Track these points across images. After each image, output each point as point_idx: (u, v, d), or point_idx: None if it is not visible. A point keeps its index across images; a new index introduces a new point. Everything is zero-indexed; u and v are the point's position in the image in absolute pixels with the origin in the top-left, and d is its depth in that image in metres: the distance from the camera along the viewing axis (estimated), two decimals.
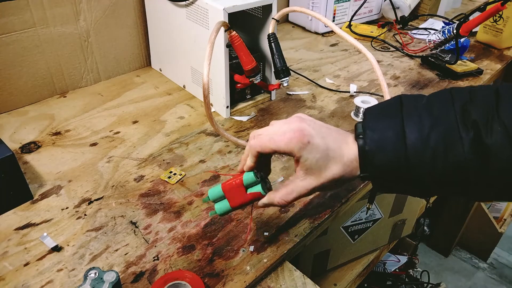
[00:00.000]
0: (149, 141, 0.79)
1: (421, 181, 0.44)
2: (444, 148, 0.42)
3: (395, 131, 0.44)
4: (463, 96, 0.44)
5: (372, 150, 0.45)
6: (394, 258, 1.43)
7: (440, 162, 0.42)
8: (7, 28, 0.80)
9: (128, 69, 1.03)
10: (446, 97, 0.45)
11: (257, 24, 0.86)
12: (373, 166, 0.46)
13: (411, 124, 0.44)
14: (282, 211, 0.63)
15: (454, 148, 0.42)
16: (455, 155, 0.42)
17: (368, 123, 0.47)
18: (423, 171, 0.43)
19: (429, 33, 1.21)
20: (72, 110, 0.87)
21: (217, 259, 0.55)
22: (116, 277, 0.48)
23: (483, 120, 0.41)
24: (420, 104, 0.46)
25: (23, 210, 0.62)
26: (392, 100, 0.48)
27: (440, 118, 0.43)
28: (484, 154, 0.41)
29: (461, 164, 0.42)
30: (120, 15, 0.95)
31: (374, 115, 0.48)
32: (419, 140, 0.43)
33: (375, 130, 0.46)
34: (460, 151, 0.41)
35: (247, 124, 0.85)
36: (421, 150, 0.43)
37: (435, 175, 0.43)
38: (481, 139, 0.41)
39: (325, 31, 1.31)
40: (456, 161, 0.42)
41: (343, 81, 1.03)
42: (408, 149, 0.43)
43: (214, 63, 0.76)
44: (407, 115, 0.45)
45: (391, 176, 0.46)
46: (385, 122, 0.46)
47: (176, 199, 0.65)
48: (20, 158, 0.73)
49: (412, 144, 0.43)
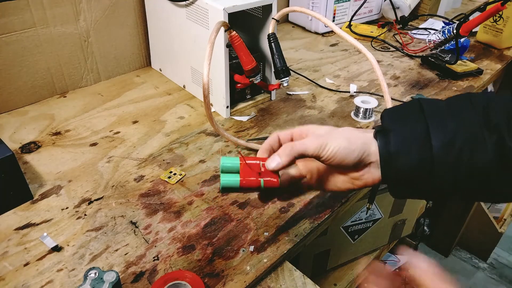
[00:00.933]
0: (149, 141, 0.79)
1: (441, 185, 0.44)
2: (469, 151, 0.42)
3: (421, 134, 0.44)
4: (482, 100, 0.44)
5: (397, 152, 0.45)
6: (394, 258, 1.43)
7: (464, 165, 0.42)
8: (7, 28, 0.80)
9: (128, 69, 1.03)
10: (466, 101, 0.45)
11: (257, 24, 0.86)
12: (395, 168, 0.45)
13: (435, 126, 0.44)
14: (282, 211, 0.63)
15: (479, 152, 0.42)
16: (480, 159, 0.42)
17: (390, 125, 0.46)
18: (446, 175, 0.43)
19: (429, 33, 1.21)
20: (72, 110, 0.87)
21: (217, 259, 0.55)
22: (116, 277, 0.48)
23: (505, 124, 0.42)
24: (442, 108, 0.45)
25: (23, 210, 0.62)
26: (411, 104, 0.48)
27: (463, 122, 0.43)
28: (506, 157, 0.41)
29: (484, 167, 0.42)
30: (120, 15, 0.95)
31: (395, 118, 0.47)
32: (445, 143, 0.43)
33: (399, 132, 0.45)
34: (484, 155, 0.42)
35: (247, 124, 0.85)
36: (446, 153, 0.43)
37: (458, 178, 0.43)
38: (504, 142, 0.41)
39: (325, 31, 1.31)
40: (480, 165, 0.42)
41: (343, 81, 1.03)
42: (434, 152, 0.43)
43: (214, 63, 0.75)
44: (430, 119, 0.44)
45: (411, 179, 0.45)
46: (410, 124, 0.45)
47: (176, 199, 0.65)
48: (20, 158, 0.73)
49: (438, 147, 0.43)
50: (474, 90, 1.01)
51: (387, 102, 0.80)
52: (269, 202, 0.64)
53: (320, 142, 0.46)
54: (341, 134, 0.47)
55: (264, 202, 0.57)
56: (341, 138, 0.47)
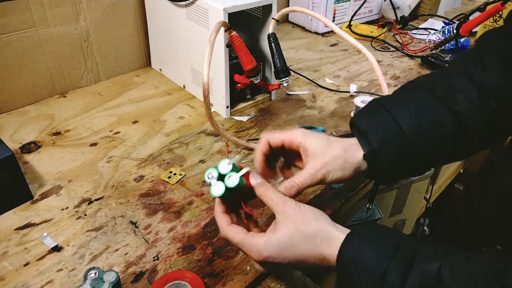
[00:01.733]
0: (149, 141, 0.79)
1: (421, 156, 0.51)
2: (433, 124, 0.50)
3: (391, 124, 0.51)
4: (428, 81, 0.55)
5: (380, 148, 0.50)
6: None
7: (433, 135, 0.51)
8: (7, 28, 0.80)
9: (128, 69, 1.03)
10: (414, 85, 0.56)
11: (257, 24, 0.86)
12: (383, 161, 0.51)
13: (401, 116, 0.51)
14: None
15: (440, 123, 0.51)
16: (443, 126, 0.51)
17: (363, 127, 0.52)
18: (422, 147, 0.50)
19: (429, 33, 1.21)
20: (72, 110, 0.87)
21: (217, 259, 0.55)
22: (116, 277, 0.48)
23: (447, 95, 0.52)
24: (397, 98, 0.54)
25: (23, 210, 0.62)
26: (371, 104, 0.55)
27: (419, 103, 0.52)
28: (456, 119, 0.51)
29: (449, 133, 0.51)
30: (120, 15, 0.95)
31: (364, 120, 0.53)
32: (413, 124, 0.50)
33: (374, 131, 0.51)
34: (444, 123, 0.51)
35: (247, 124, 0.85)
36: (416, 132, 0.50)
37: (431, 148, 0.51)
38: (451, 108, 0.51)
39: (325, 31, 1.31)
40: (446, 132, 0.51)
41: (343, 81, 1.03)
42: (407, 135, 0.50)
43: (214, 63, 0.75)
44: (392, 109, 0.52)
45: (396, 164, 0.51)
46: (379, 120, 0.52)
47: (176, 199, 0.65)
48: (20, 158, 0.73)
49: (408, 129, 0.50)
50: None
51: None
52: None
53: (321, 176, 0.50)
54: (335, 162, 0.51)
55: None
56: (337, 168, 0.51)
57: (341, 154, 0.51)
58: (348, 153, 0.51)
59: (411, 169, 0.54)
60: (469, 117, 0.51)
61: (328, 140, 0.52)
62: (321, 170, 0.50)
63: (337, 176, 0.50)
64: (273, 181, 0.69)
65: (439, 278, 0.37)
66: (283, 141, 0.53)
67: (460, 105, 0.51)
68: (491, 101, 0.51)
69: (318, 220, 0.45)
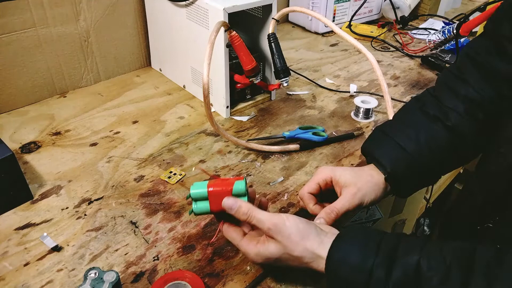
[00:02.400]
0: (149, 141, 0.79)
1: (427, 169, 0.59)
2: (430, 140, 0.58)
3: (396, 148, 0.59)
4: (419, 103, 0.62)
5: (393, 170, 0.59)
6: None
7: (432, 149, 0.58)
8: (7, 28, 0.80)
9: (128, 69, 1.03)
10: (411, 107, 0.64)
11: (257, 24, 0.86)
12: (399, 179, 0.59)
13: (402, 139, 0.59)
14: (283, 211, 0.63)
15: (436, 138, 0.59)
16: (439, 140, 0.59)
17: (375, 155, 0.61)
18: (425, 161, 0.58)
19: (429, 33, 1.21)
20: (72, 110, 0.87)
21: (217, 259, 0.55)
22: (116, 277, 0.48)
23: (438, 113, 0.59)
24: (396, 123, 0.63)
25: (23, 210, 0.62)
26: (375, 133, 0.64)
27: (415, 124, 0.60)
28: (453, 132, 0.58)
29: (445, 145, 0.58)
30: (120, 15, 0.95)
31: (374, 149, 0.62)
32: (413, 144, 0.59)
33: (384, 157, 0.59)
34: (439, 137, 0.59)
35: (247, 124, 0.85)
36: (417, 149, 0.58)
37: (433, 160, 0.59)
38: (445, 123, 0.58)
39: (325, 31, 1.31)
40: (442, 144, 0.58)
41: (343, 81, 1.03)
42: (411, 153, 0.58)
43: (214, 63, 0.75)
44: (394, 135, 0.60)
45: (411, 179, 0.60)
46: (386, 147, 0.60)
47: (176, 199, 0.65)
48: (20, 158, 0.73)
49: (410, 149, 0.58)
50: None
51: (387, 102, 0.80)
52: None
53: (358, 201, 0.57)
54: (367, 186, 0.58)
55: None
56: (370, 191, 0.58)
57: (370, 179, 0.59)
58: (374, 178, 0.59)
59: (423, 180, 0.62)
60: (461, 131, 0.58)
61: (353, 169, 0.60)
62: (357, 195, 0.57)
63: (371, 198, 0.58)
64: (272, 182, 0.69)
65: (418, 269, 0.41)
66: (318, 184, 0.60)
67: (451, 121, 0.58)
68: (478, 113, 0.57)
69: (304, 239, 0.47)
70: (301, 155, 0.76)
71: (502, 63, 0.55)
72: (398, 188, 0.61)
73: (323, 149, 0.78)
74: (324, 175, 0.60)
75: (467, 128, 0.58)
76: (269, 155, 0.76)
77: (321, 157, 0.76)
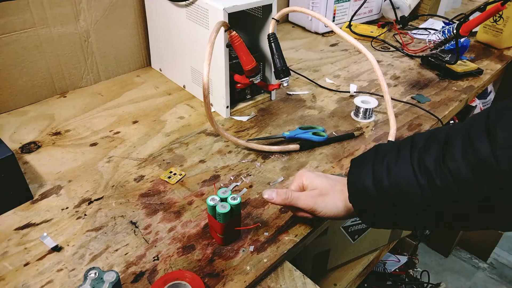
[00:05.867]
0: (149, 141, 0.79)
1: (397, 208, 0.50)
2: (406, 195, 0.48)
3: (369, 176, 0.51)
4: (420, 144, 0.49)
5: (356, 197, 0.53)
6: (394, 258, 1.43)
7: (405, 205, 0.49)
8: (7, 28, 0.80)
9: (128, 69, 1.03)
10: (407, 146, 0.50)
11: (257, 24, 0.86)
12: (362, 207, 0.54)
13: (379, 168, 0.51)
14: (282, 211, 0.63)
15: (414, 195, 0.47)
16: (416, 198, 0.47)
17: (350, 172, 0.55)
18: (396, 198, 0.49)
19: (429, 33, 1.21)
20: (72, 110, 0.87)
21: (217, 259, 0.55)
22: (116, 277, 0.48)
23: (433, 166, 0.46)
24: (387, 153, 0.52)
25: (23, 210, 0.62)
26: (370, 150, 0.55)
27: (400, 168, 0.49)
28: (438, 193, 0.46)
29: (424, 205, 0.47)
30: (120, 15, 0.95)
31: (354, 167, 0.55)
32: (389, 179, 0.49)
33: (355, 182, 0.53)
34: (417, 195, 0.47)
35: (247, 124, 0.85)
36: (388, 197, 0.50)
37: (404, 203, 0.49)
38: (434, 182, 0.45)
39: (325, 31, 1.31)
40: (419, 204, 0.47)
41: (343, 81, 1.03)
42: (384, 187, 0.50)
43: (214, 63, 0.76)
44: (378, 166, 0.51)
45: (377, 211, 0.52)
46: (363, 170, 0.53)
47: (176, 199, 0.65)
48: (20, 158, 0.73)
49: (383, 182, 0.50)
50: (474, 90, 1.01)
51: (387, 102, 0.80)
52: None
53: (311, 205, 0.56)
54: (329, 200, 0.56)
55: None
56: (329, 206, 0.56)
57: (339, 196, 0.57)
58: (344, 194, 0.55)
59: (393, 218, 0.52)
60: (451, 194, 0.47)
61: (328, 177, 0.59)
62: (316, 199, 0.57)
63: (331, 213, 0.57)
64: (272, 182, 0.69)
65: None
66: (298, 185, 0.60)
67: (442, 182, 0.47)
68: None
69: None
70: (301, 155, 0.76)
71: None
72: (361, 217, 0.55)
73: (323, 149, 0.78)
74: (299, 179, 0.60)
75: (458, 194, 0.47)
76: (269, 155, 0.76)
77: (321, 157, 0.76)
